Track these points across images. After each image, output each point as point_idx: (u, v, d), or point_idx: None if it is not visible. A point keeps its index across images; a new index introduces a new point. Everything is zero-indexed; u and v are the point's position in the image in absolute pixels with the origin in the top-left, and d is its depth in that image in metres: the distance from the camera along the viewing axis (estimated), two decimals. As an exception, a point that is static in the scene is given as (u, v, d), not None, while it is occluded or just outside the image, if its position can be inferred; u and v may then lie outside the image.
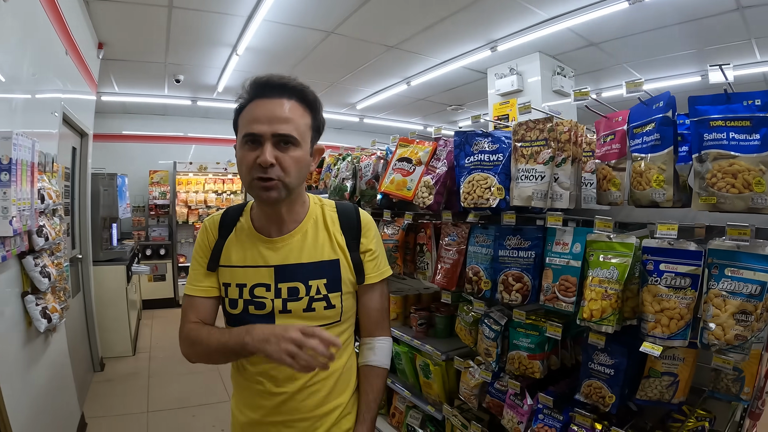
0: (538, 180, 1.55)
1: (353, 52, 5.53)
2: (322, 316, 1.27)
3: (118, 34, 4.88)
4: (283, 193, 1.18)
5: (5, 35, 2.04)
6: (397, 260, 2.25)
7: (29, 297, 2.52)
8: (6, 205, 2.09)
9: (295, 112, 1.18)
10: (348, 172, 2.67)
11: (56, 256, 2.97)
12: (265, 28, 4.72)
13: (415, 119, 9.47)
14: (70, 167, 4.20)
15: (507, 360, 1.74)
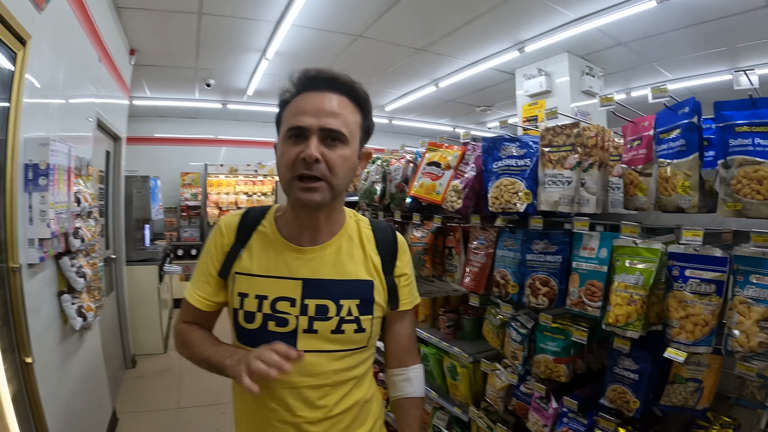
0: (565, 185, 1.55)
1: (381, 55, 5.56)
2: (351, 340, 1.14)
3: (150, 41, 5.02)
4: (327, 196, 1.06)
5: (41, 44, 2.12)
6: (426, 263, 2.26)
7: (65, 296, 2.62)
8: (44, 209, 2.18)
9: (346, 107, 1.09)
10: (378, 176, 2.69)
11: (91, 257, 3.07)
12: (294, 33, 4.79)
13: (444, 120, 9.46)
14: (105, 170, 4.34)
15: (533, 363, 1.75)
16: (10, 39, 1.80)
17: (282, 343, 1.00)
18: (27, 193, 2.14)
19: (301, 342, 1.10)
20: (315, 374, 1.10)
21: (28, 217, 2.15)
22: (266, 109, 7.99)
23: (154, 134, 8.38)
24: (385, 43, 5.16)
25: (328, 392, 1.12)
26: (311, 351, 1.10)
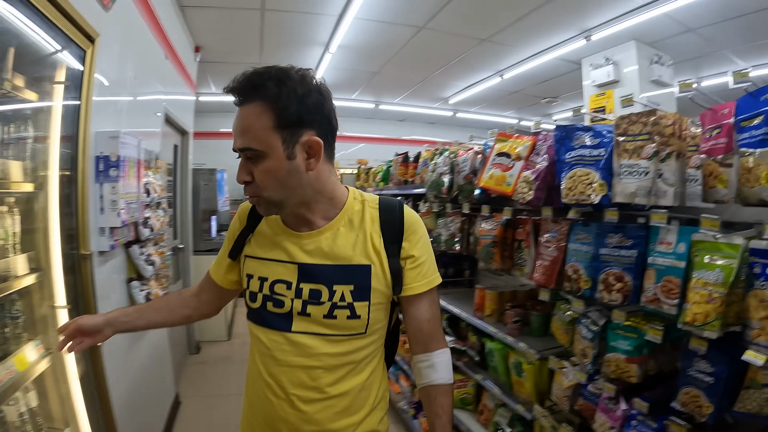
0: (642, 176, 1.49)
1: (445, 47, 5.48)
2: (344, 325, 1.13)
3: (214, 38, 5.18)
4: (272, 209, 1.11)
5: (108, 41, 2.21)
6: (494, 256, 2.23)
7: (134, 283, 2.74)
8: (115, 199, 2.28)
9: (253, 116, 1.02)
10: (445, 167, 2.67)
11: (160, 246, 3.20)
12: (357, 26, 4.78)
13: (508, 113, 9.27)
14: (173, 163, 4.52)
15: (603, 362, 1.69)
16: (79, 37, 1.87)
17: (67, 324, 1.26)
18: (98, 183, 2.25)
19: (295, 323, 1.13)
20: (308, 355, 1.12)
21: (99, 207, 2.25)
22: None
23: (220, 129, 8.68)
24: (448, 34, 5.08)
25: (321, 374, 1.13)
26: (305, 333, 1.13)
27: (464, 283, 3.19)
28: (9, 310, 1.66)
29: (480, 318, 2.51)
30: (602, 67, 5.46)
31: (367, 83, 7.18)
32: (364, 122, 9.59)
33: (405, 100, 8.30)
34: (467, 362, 2.63)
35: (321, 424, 1.13)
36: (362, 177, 5.31)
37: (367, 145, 9.54)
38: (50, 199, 1.86)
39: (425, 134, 9.46)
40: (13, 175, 1.65)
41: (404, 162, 3.83)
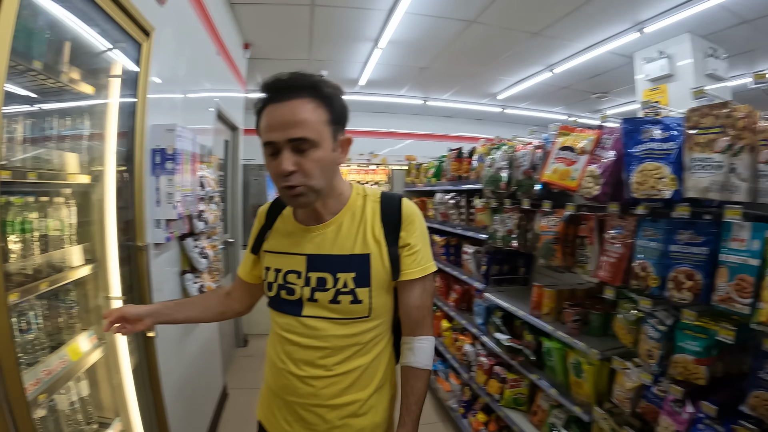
0: (715, 170, 1.43)
1: (495, 41, 5.37)
2: (348, 310, 1.24)
3: (263, 35, 5.21)
4: (312, 197, 1.18)
5: (163, 36, 2.23)
6: (556, 253, 2.16)
7: (187, 275, 2.77)
8: (171, 191, 2.30)
9: (308, 111, 1.13)
10: (504, 162, 2.62)
11: (212, 239, 3.24)
12: (407, 21, 4.72)
13: (557, 109, 9.03)
14: (224, 158, 4.59)
15: (670, 363, 1.63)
16: (135, 31, 1.89)
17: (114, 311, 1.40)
18: (154, 176, 2.27)
19: (305, 309, 1.26)
20: (317, 337, 1.25)
21: (156, 199, 2.27)
22: (379, 99, 8.03)
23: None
24: (499, 28, 4.97)
25: (329, 354, 1.24)
26: (314, 317, 1.25)
27: (519, 280, 3.09)
28: (64, 300, 1.69)
29: (537, 316, 2.43)
30: (655, 60, 5.27)
31: (415, 79, 7.09)
32: (412, 118, 9.50)
33: (453, 96, 8.18)
34: (522, 361, 2.56)
35: (327, 398, 1.25)
36: (413, 173, 5.23)
37: (414, 141, 9.47)
38: (106, 191, 1.89)
39: (472, 131, 9.40)
40: (70, 167, 1.67)
41: (458, 157, 3.73)
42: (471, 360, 3.23)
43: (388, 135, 9.32)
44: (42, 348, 1.50)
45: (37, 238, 1.51)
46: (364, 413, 1.29)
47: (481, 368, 3.00)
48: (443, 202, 3.86)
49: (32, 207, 1.50)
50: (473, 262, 3.21)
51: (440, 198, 3.94)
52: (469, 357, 3.26)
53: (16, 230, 1.41)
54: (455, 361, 3.55)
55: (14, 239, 1.41)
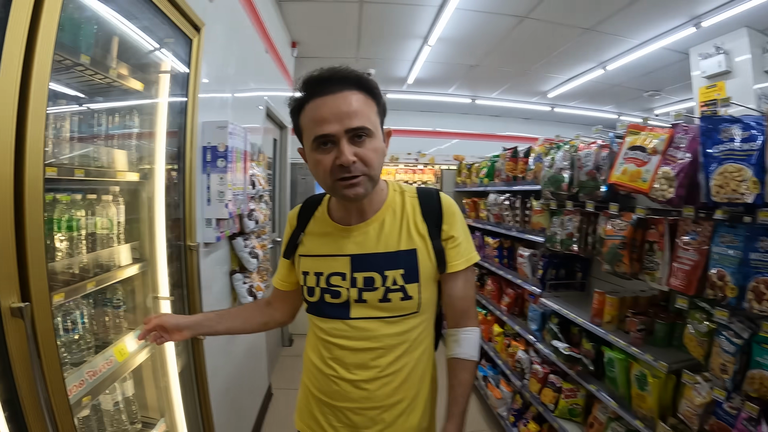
0: None
1: (547, 37, 5.23)
2: (399, 307, 1.22)
3: (310, 33, 5.22)
4: (369, 187, 1.16)
5: (213, 31, 2.20)
6: (623, 258, 2.06)
7: (237, 275, 2.75)
8: (222, 189, 2.26)
9: (361, 101, 1.12)
10: (566, 162, 2.53)
11: (262, 239, 3.21)
12: (457, 17, 4.62)
13: (608, 108, 8.76)
14: (272, 157, 4.58)
15: (745, 379, 1.54)
16: (186, 26, 1.86)
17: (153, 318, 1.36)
18: (205, 174, 2.24)
19: (353, 310, 1.23)
20: (368, 338, 1.22)
21: (206, 198, 2.25)
22: (426, 98, 7.95)
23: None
24: (551, 24, 4.84)
25: (382, 354, 1.22)
26: (363, 318, 1.22)
27: (575, 285, 2.96)
28: (111, 300, 1.67)
29: (598, 324, 2.32)
30: (712, 56, 5.04)
31: (464, 77, 6.96)
32: (459, 117, 9.36)
33: (502, 94, 8.01)
34: (580, 371, 2.45)
35: (381, 399, 1.23)
36: (464, 173, 5.09)
37: (461, 141, 9.35)
38: (156, 189, 1.86)
39: (520, 130, 9.27)
40: (118, 164, 1.64)
41: (513, 157, 3.60)
42: (524, 367, 3.13)
43: (435, 134, 9.25)
44: (88, 348, 1.47)
45: (84, 236, 1.49)
46: (412, 410, 1.29)
47: (535, 376, 2.90)
48: (497, 203, 3.74)
49: (79, 205, 1.47)
50: (529, 265, 3.10)
51: (494, 199, 3.82)
52: (522, 364, 3.15)
53: (62, 228, 1.38)
54: (506, 368, 3.45)
55: (61, 237, 1.38)
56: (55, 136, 1.39)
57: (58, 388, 1.05)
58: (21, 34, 0.95)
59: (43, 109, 1.01)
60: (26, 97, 0.96)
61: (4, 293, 0.91)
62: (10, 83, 0.92)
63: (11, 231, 0.93)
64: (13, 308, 0.91)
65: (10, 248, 0.93)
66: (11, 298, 0.92)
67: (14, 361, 0.93)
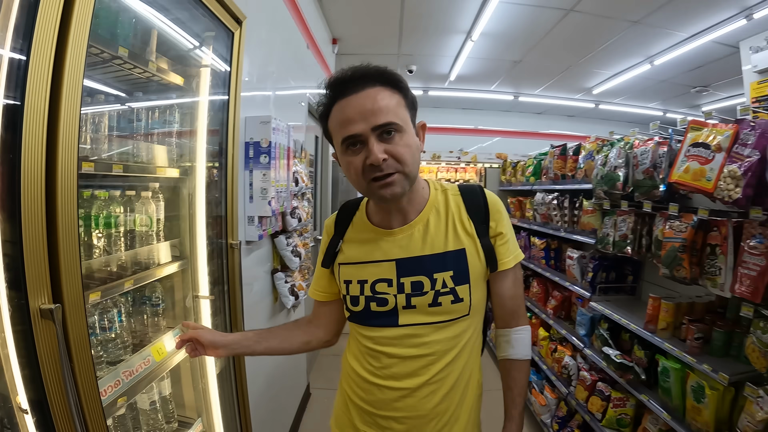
0: None
1: (593, 31, 5.03)
2: (450, 310, 1.17)
3: (352, 29, 5.16)
4: (405, 185, 1.10)
5: (255, 25, 2.16)
6: (683, 262, 1.95)
7: (279, 274, 2.71)
8: (265, 186, 2.22)
9: (386, 96, 1.06)
10: (620, 160, 2.42)
11: (304, 237, 3.18)
12: (501, 10, 4.48)
13: (653, 104, 8.37)
14: (314, 155, 4.56)
15: None
16: (228, 19, 1.82)
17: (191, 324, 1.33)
18: (248, 170, 2.21)
19: (402, 317, 1.17)
20: (419, 345, 1.17)
21: (249, 195, 2.21)
22: (468, 95, 7.81)
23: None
24: (597, 17, 4.63)
25: (433, 361, 1.17)
26: (413, 324, 1.16)
27: (626, 289, 2.82)
28: (150, 298, 1.64)
29: (652, 331, 2.20)
30: (764, 50, 4.72)
31: (507, 73, 6.78)
32: (501, 115, 9.18)
33: (546, 91, 7.77)
34: (631, 380, 2.33)
35: (429, 408, 1.18)
36: (509, 171, 4.96)
37: (502, 138, 9.15)
38: (197, 186, 1.83)
39: (564, 128, 9.03)
40: (158, 160, 1.61)
41: (562, 155, 3.46)
42: (571, 373, 3.01)
43: (477, 132, 9.11)
44: (125, 347, 1.45)
45: (123, 233, 1.46)
46: (456, 420, 1.24)
47: (583, 383, 2.78)
48: (545, 202, 3.60)
49: (118, 201, 1.45)
50: (578, 267, 2.97)
51: (541, 198, 3.68)
52: (569, 370, 3.03)
53: (100, 225, 1.36)
54: (552, 373, 3.33)
55: (98, 234, 1.36)
56: (93, 131, 1.37)
57: (90, 393, 1.02)
58: (53, 24, 0.91)
59: (77, 103, 0.97)
60: (59, 91, 0.92)
61: (33, 294, 0.87)
62: (41, 74, 0.88)
63: (42, 230, 0.89)
64: (42, 310, 0.87)
65: (42, 248, 0.89)
66: (41, 299, 0.88)
67: (43, 364, 0.89)
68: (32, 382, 0.90)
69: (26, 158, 0.86)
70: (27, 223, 0.86)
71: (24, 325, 0.88)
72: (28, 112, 0.86)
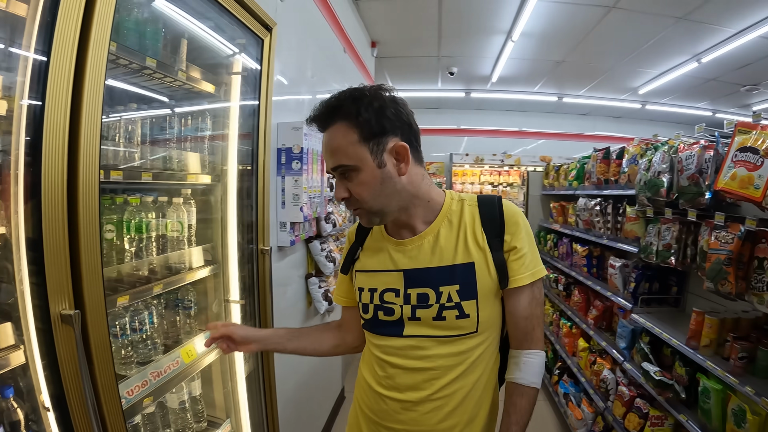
0: None
1: (637, 28, 4.84)
2: (454, 326, 1.13)
3: (390, 32, 5.15)
4: (374, 218, 1.14)
5: (287, 32, 2.19)
6: (728, 276, 1.82)
7: (312, 279, 2.73)
8: (297, 192, 2.24)
9: (339, 136, 1.08)
10: (664, 165, 2.29)
11: (340, 242, 3.19)
12: (541, 9, 4.38)
13: (702, 104, 7.97)
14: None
15: None
16: (257, 26, 1.84)
17: None
18: (280, 176, 2.23)
19: (407, 328, 1.16)
20: (422, 358, 1.14)
21: (281, 201, 2.24)
22: (511, 97, 7.69)
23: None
24: (640, 14, 4.46)
25: (436, 376, 1.14)
26: (417, 336, 1.15)
27: (669, 301, 2.67)
28: (182, 301, 1.68)
29: (695, 348, 2.07)
30: None
31: (550, 74, 6.63)
32: (545, 116, 8.96)
33: (590, 91, 7.54)
34: (670, 398, 2.21)
35: (432, 424, 1.15)
36: (551, 175, 4.83)
37: (547, 141, 8.96)
38: (229, 192, 1.87)
39: (609, 129, 8.79)
40: (190, 167, 1.65)
41: (605, 158, 3.31)
42: (609, 388, 2.87)
43: (521, 134, 8.93)
44: (155, 348, 1.49)
45: (155, 238, 1.50)
46: None
47: (621, 399, 2.65)
48: (587, 208, 3.45)
49: (150, 207, 1.49)
50: (620, 277, 2.82)
51: (583, 203, 3.53)
52: (607, 384, 2.90)
53: (131, 230, 1.40)
54: (590, 386, 3.19)
55: (129, 239, 1.40)
56: (127, 139, 1.41)
57: (110, 393, 1.05)
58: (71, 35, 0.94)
59: (97, 113, 1.00)
60: (80, 101, 0.96)
61: (54, 300, 0.90)
62: (61, 82, 0.92)
63: (64, 238, 0.93)
64: (63, 315, 0.91)
65: (63, 255, 0.93)
66: (62, 305, 0.92)
67: (63, 365, 0.92)
68: (53, 382, 0.94)
69: (46, 166, 0.89)
70: (48, 231, 0.90)
71: (46, 329, 0.91)
72: (48, 122, 0.89)
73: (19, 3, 0.89)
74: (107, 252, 1.34)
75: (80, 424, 0.96)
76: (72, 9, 0.93)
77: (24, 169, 0.88)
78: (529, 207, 5.27)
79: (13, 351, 0.90)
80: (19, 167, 0.88)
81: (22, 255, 0.89)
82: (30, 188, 0.89)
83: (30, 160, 0.89)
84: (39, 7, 0.89)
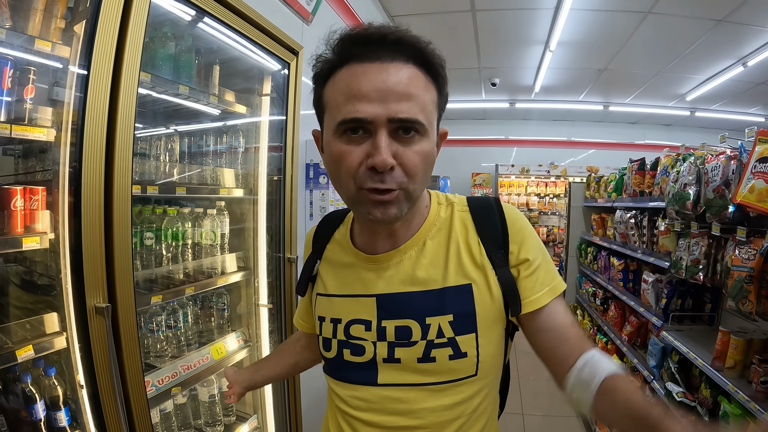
0: None
1: (676, 33, 4.70)
2: (448, 369, 0.83)
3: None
4: (405, 208, 0.79)
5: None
6: (749, 295, 1.72)
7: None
8: (324, 205, 2.37)
9: (420, 83, 0.77)
10: (691, 176, 2.19)
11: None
12: (575, 18, 4.35)
13: (754, 109, 7.51)
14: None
15: None
16: (283, 52, 1.97)
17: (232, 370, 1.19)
18: (308, 190, 2.37)
19: (382, 374, 0.86)
20: (405, 413, 0.84)
21: (309, 213, 2.37)
22: (556, 106, 7.61)
23: (447, 137, 8.87)
24: (677, 18, 4.31)
25: None
26: (396, 385, 0.85)
27: (703, 319, 2.54)
28: (216, 302, 1.84)
29: (719, 369, 1.95)
30: None
31: (593, 82, 6.49)
32: (593, 126, 8.74)
33: (636, 99, 7.30)
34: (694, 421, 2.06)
35: None
36: (592, 186, 4.78)
37: (596, 151, 8.72)
38: (259, 204, 2.02)
39: (660, 138, 8.41)
40: (225, 181, 1.82)
41: (640, 170, 3.23)
42: (638, 408, 2.74)
43: (569, 144, 8.73)
44: (188, 344, 1.65)
45: (191, 245, 1.68)
46: None
47: None
48: (623, 220, 3.39)
49: (186, 217, 1.66)
50: (652, 292, 2.73)
51: (620, 216, 3.47)
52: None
53: (168, 238, 1.58)
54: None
55: (166, 245, 1.58)
56: (168, 155, 1.60)
57: (135, 378, 1.20)
58: (105, 72, 1.12)
59: (129, 141, 1.16)
60: (113, 129, 1.12)
61: (90, 294, 1.07)
62: (97, 116, 1.09)
63: (101, 243, 1.09)
64: (97, 307, 1.07)
65: (100, 257, 1.09)
66: (97, 299, 1.08)
67: (95, 350, 1.08)
68: (87, 365, 1.11)
69: (86, 184, 1.06)
70: (86, 237, 1.07)
71: (83, 319, 1.08)
72: (87, 141, 1.07)
73: (62, 47, 1.08)
74: (146, 256, 1.52)
75: (107, 402, 1.12)
76: (104, 58, 1.10)
77: (68, 187, 1.07)
78: (570, 219, 5.21)
79: (57, 336, 1.08)
80: (64, 185, 1.07)
81: (66, 257, 1.07)
82: (74, 202, 1.06)
83: (73, 179, 1.06)
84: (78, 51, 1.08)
